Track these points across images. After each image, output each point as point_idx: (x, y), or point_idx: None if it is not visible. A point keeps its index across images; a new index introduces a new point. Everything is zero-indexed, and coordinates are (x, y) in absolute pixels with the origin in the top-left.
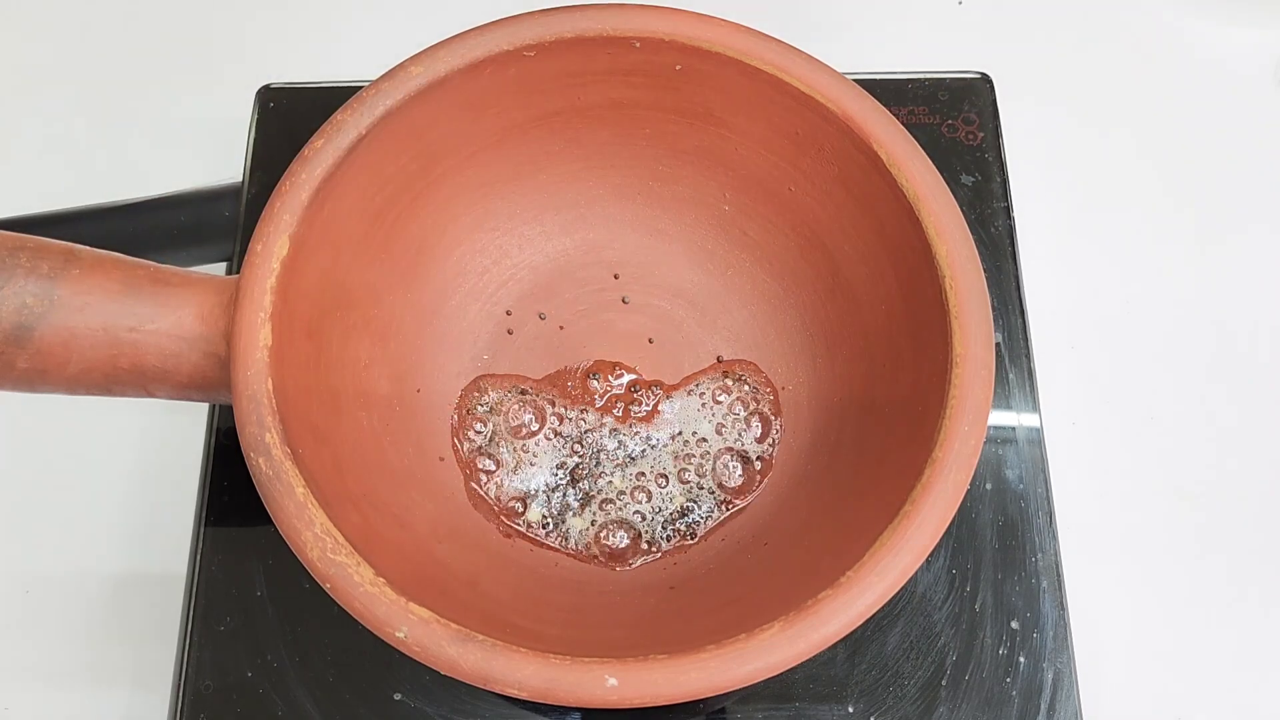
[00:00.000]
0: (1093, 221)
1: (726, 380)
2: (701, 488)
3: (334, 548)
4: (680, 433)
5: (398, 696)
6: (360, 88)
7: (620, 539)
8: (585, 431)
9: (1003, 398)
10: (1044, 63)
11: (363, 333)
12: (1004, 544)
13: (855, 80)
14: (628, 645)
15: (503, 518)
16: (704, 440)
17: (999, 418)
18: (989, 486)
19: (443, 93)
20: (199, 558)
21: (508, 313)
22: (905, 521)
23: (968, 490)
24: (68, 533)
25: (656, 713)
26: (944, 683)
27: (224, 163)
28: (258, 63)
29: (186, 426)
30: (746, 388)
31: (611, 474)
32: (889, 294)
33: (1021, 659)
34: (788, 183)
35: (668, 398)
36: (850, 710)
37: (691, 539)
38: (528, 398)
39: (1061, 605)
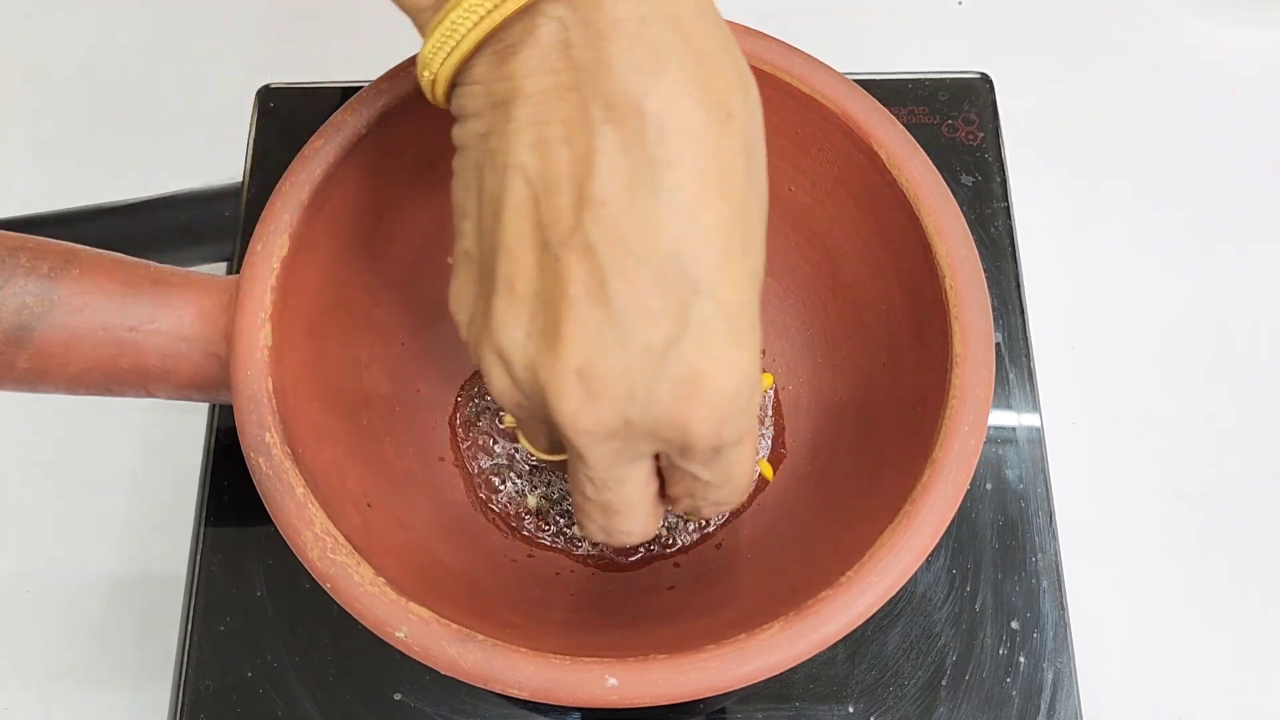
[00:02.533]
0: (1093, 221)
1: None
2: None
3: (334, 548)
4: None
5: (398, 696)
6: (360, 88)
7: None
8: None
9: (1003, 398)
10: (1044, 63)
11: (363, 333)
12: (1004, 544)
13: (855, 80)
14: (628, 645)
15: (502, 517)
16: None
17: (999, 418)
18: (989, 486)
19: None
20: (199, 558)
21: None
22: (905, 521)
23: (968, 490)
24: (68, 533)
25: (656, 713)
26: (944, 683)
27: (224, 163)
28: (258, 63)
29: (186, 426)
30: None
31: None
32: (889, 294)
33: (1021, 659)
34: (788, 183)
35: None
36: (850, 710)
37: (692, 539)
38: None
39: (1061, 605)
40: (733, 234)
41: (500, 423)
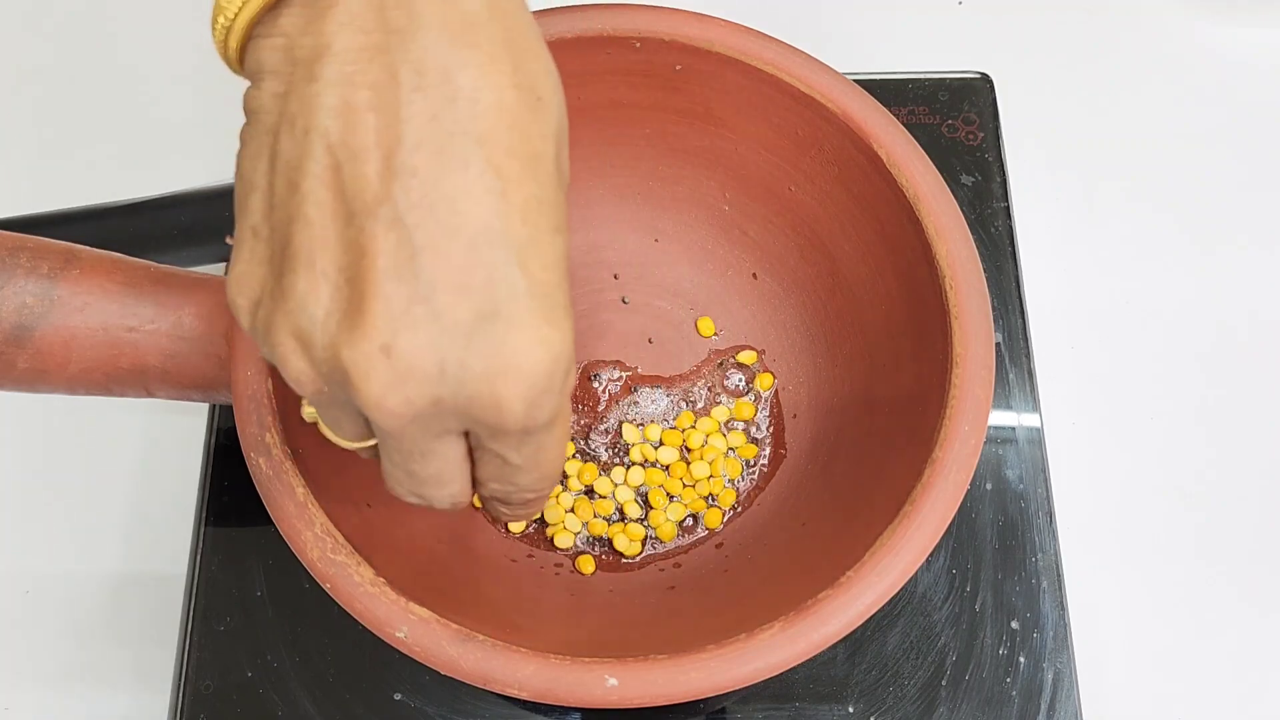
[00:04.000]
0: (1093, 221)
1: (726, 379)
2: (702, 488)
3: (334, 548)
4: (680, 432)
5: (398, 696)
6: None
7: (621, 539)
8: (587, 431)
9: (1003, 398)
10: (1044, 63)
11: None
12: (1004, 544)
13: (855, 80)
14: (628, 645)
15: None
16: (704, 440)
17: (999, 418)
18: (989, 486)
19: None
20: (199, 558)
21: None
22: (905, 521)
23: (968, 490)
24: (68, 533)
25: (656, 713)
26: (944, 683)
27: (224, 163)
28: None
29: (186, 426)
30: (746, 387)
31: (611, 474)
32: (889, 294)
33: (1021, 659)
34: (788, 183)
35: (667, 397)
36: (850, 710)
37: (692, 539)
38: None
39: (1061, 605)
40: (543, 213)
41: (302, 416)
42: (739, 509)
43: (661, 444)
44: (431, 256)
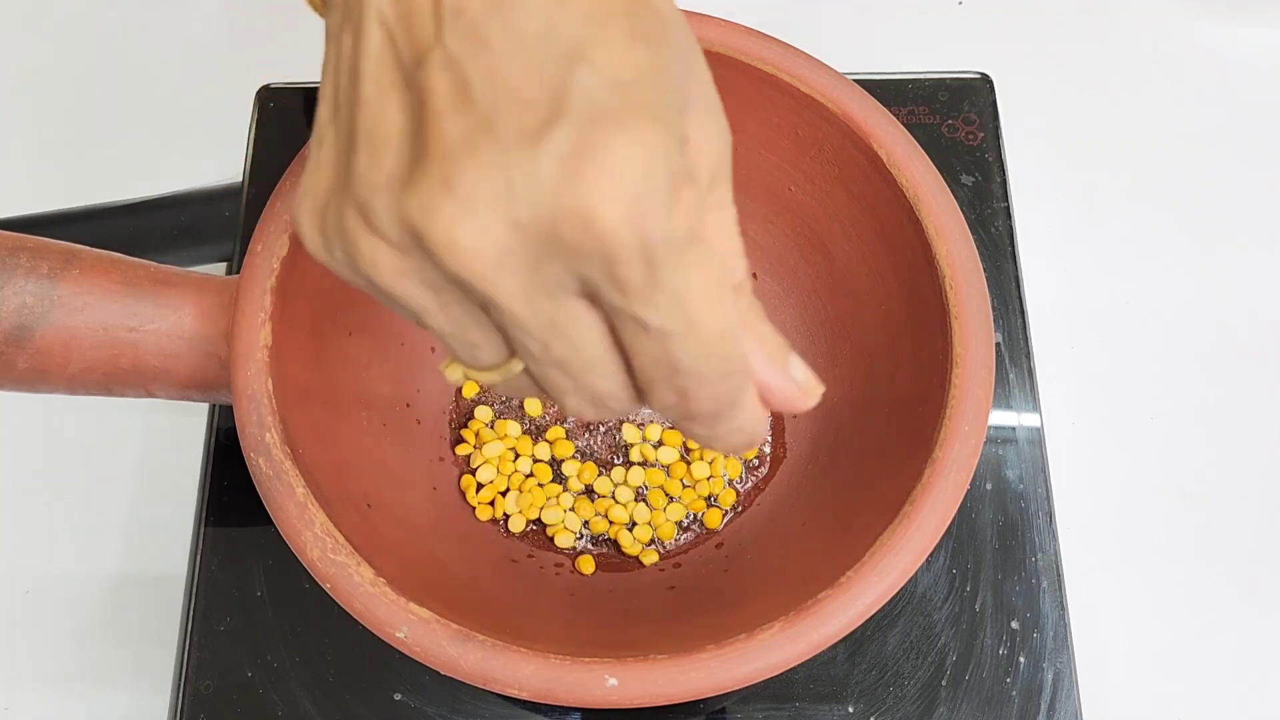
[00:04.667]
0: (1093, 221)
1: None
2: (702, 488)
3: (334, 548)
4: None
5: (398, 696)
6: None
7: (621, 539)
8: (586, 431)
9: (1003, 398)
10: (1044, 63)
11: (363, 333)
12: (1004, 544)
13: (855, 80)
14: (628, 645)
15: (496, 526)
16: None
17: (999, 418)
18: (989, 486)
19: None
20: (199, 558)
21: None
22: (905, 521)
23: (968, 490)
24: (68, 533)
25: (656, 713)
26: (944, 683)
27: (224, 163)
28: (258, 63)
29: (186, 426)
30: None
31: (610, 474)
32: (889, 294)
33: (1021, 659)
34: (788, 183)
35: None
36: (850, 710)
37: (692, 539)
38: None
39: (1061, 605)
40: (613, 19)
41: (445, 375)
42: (739, 509)
43: (661, 444)
44: (485, 83)
